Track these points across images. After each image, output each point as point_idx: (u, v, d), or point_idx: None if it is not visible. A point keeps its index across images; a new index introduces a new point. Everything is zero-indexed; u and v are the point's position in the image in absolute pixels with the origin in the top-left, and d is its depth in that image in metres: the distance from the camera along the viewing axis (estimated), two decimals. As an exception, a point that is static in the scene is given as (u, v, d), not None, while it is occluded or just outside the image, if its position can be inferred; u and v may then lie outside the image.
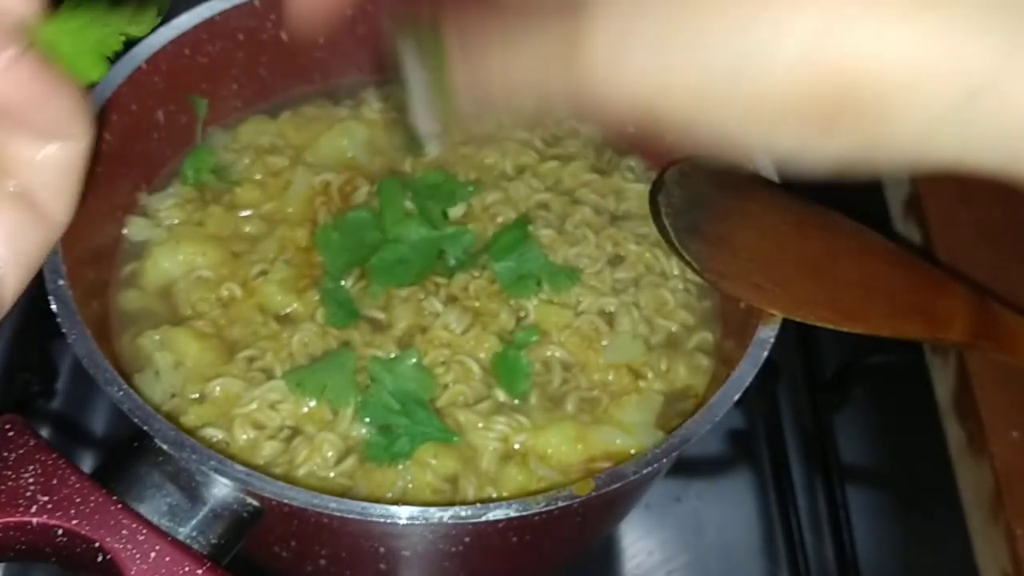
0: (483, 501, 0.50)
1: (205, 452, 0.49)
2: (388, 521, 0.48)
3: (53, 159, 0.39)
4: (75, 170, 0.40)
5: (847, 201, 0.60)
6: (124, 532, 0.45)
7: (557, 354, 0.62)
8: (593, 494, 0.49)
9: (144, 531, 0.46)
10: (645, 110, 0.39)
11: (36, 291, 0.44)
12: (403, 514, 0.48)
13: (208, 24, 0.65)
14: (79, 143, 0.40)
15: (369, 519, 0.48)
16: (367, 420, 0.58)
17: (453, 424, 0.59)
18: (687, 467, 0.81)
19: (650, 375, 0.62)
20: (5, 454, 0.46)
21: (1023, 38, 0.36)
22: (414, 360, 0.60)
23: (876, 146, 0.39)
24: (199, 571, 0.45)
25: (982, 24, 0.36)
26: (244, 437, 0.57)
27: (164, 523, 0.48)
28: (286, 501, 0.48)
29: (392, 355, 0.60)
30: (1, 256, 0.40)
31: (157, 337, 0.60)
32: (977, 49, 0.36)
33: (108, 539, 0.45)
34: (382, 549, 0.56)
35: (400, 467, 0.57)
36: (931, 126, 0.37)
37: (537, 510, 0.49)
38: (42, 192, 0.40)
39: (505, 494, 0.57)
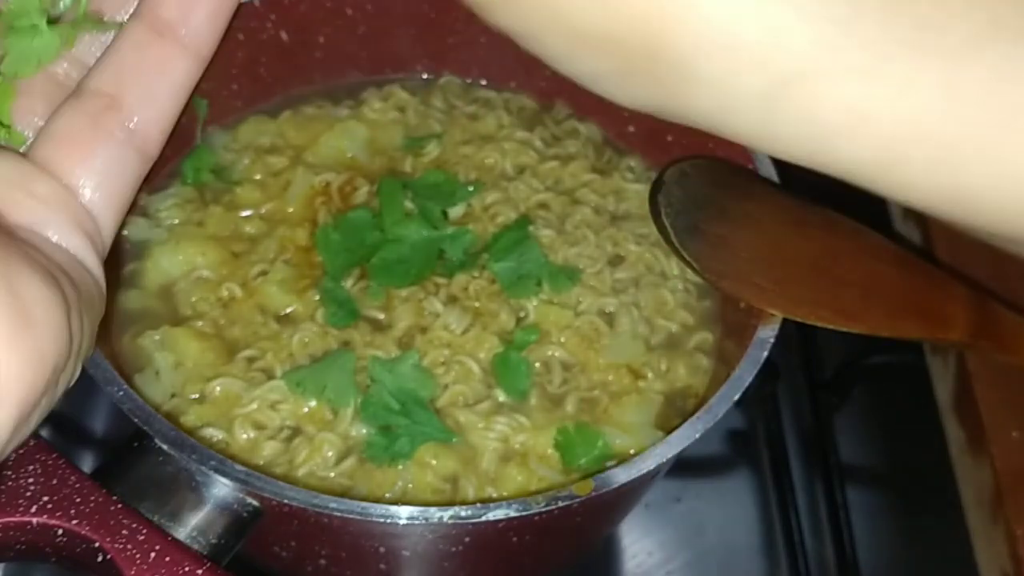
0: (483, 501, 0.50)
1: (205, 452, 0.49)
2: (388, 521, 0.48)
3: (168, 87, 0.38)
4: (181, 100, 0.39)
5: (847, 201, 0.60)
6: (124, 532, 0.45)
7: (557, 354, 0.62)
8: (593, 494, 0.49)
9: (144, 531, 0.46)
10: None
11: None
12: (403, 514, 0.48)
13: (208, 24, 0.65)
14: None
15: (369, 519, 0.48)
16: (367, 420, 0.58)
17: (453, 424, 0.59)
18: (687, 467, 0.81)
19: (650, 375, 0.62)
20: (5, 454, 0.46)
21: (854, 31, 0.33)
22: (414, 360, 0.60)
23: (677, 104, 0.36)
24: (199, 571, 0.45)
25: (812, 5, 0.33)
26: (244, 437, 0.57)
27: (164, 523, 0.48)
28: (286, 501, 0.48)
29: (392, 355, 0.60)
30: (92, 185, 0.38)
31: (157, 337, 0.60)
32: (801, 37, 0.33)
33: (108, 539, 0.45)
34: (382, 549, 0.56)
35: (400, 467, 0.57)
36: (731, 104, 0.35)
37: (537, 510, 0.49)
38: (144, 121, 0.39)
39: (505, 494, 0.57)
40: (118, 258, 0.64)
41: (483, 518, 0.48)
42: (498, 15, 0.37)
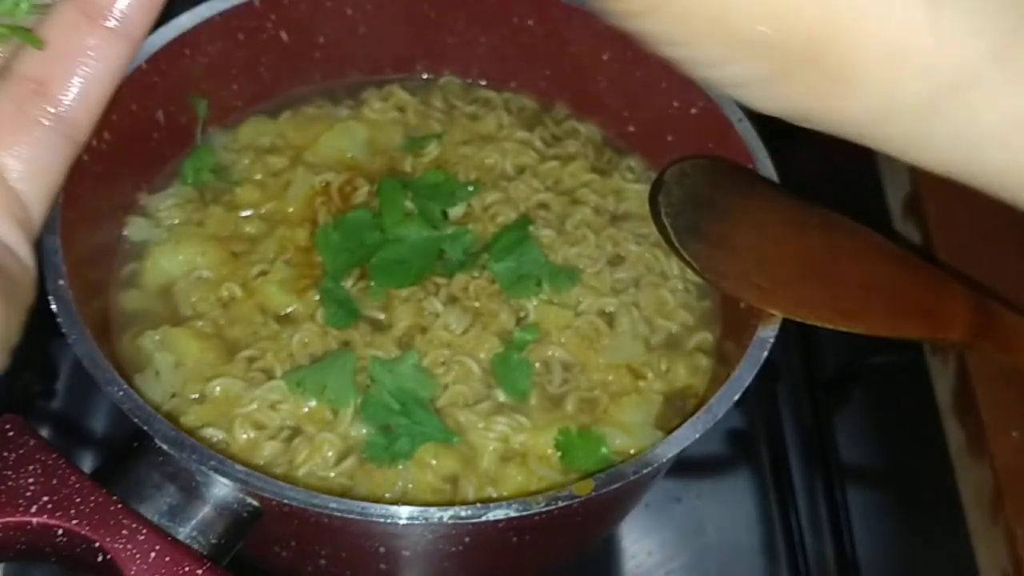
0: (483, 501, 0.50)
1: (205, 452, 0.49)
2: (388, 521, 0.48)
3: (94, 72, 0.38)
4: (111, 86, 0.39)
5: (847, 201, 0.60)
6: (124, 532, 0.45)
7: (557, 354, 0.62)
8: (593, 494, 0.49)
9: (144, 531, 0.45)
10: None
11: (36, 291, 0.44)
12: (403, 514, 0.48)
13: (208, 24, 0.65)
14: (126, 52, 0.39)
15: (369, 519, 0.48)
16: (367, 420, 0.58)
17: (453, 424, 0.59)
18: (687, 467, 0.81)
19: (650, 375, 0.62)
20: (5, 454, 0.46)
21: (1020, 41, 0.34)
22: (414, 360, 0.60)
23: (829, 109, 0.37)
24: (199, 571, 0.45)
25: (983, 17, 0.34)
26: (244, 437, 0.57)
27: (164, 523, 0.48)
28: (286, 501, 0.48)
29: (392, 355, 0.60)
30: (20, 171, 0.38)
31: (157, 337, 0.60)
32: (971, 46, 0.34)
33: (108, 539, 0.45)
34: (382, 549, 0.56)
35: (400, 467, 0.57)
36: (892, 109, 0.36)
37: (537, 510, 0.49)
38: (72, 107, 0.39)
39: (505, 494, 0.57)
40: (118, 258, 0.65)
41: (483, 518, 0.48)
42: (649, 21, 0.37)
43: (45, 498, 0.45)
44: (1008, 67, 0.35)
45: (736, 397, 0.53)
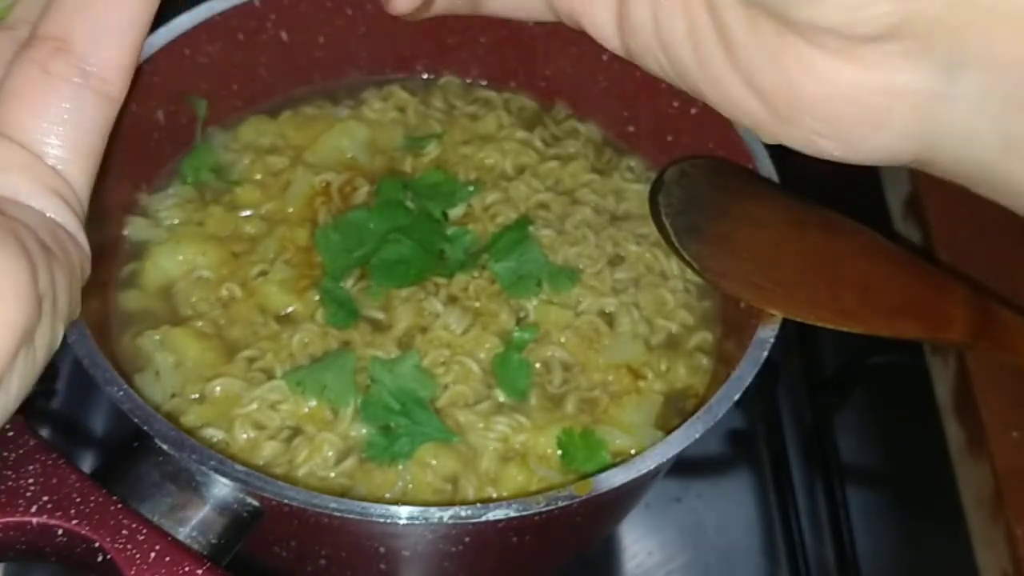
0: (483, 501, 0.50)
1: (205, 452, 0.49)
2: (388, 521, 0.48)
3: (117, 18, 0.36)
4: (139, 35, 0.37)
5: (847, 201, 0.60)
6: (124, 532, 0.45)
7: (557, 354, 0.62)
8: (593, 494, 0.49)
9: (144, 531, 0.45)
10: None
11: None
12: (403, 514, 0.48)
13: (208, 24, 0.65)
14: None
15: (369, 519, 0.48)
16: (367, 420, 0.58)
17: (453, 424, 0.59)
18: (687, 467, 0.81)
19: (650, 375, 0.62)
20: (5, 454, 0.46)
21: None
22: (414, 360, 0.60)
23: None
24: (199, 571, 0.45)
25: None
26: (244, 437, 0.57)
27: (164, 523, 0.48)
28: (286, 501, 0.48)
29: (392, 355, 0.60)
30: (56, 138, 0.36)
31: (157, 337, 0.60)
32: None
33: (108, 539, 0.45)
34: (382, 549, 0.56)
35: (400, 467, 0.57)
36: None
37: (537, 510, 0.49)
38: (100, 60, 0.37)
39: (505, 494, 0.57)
40: (118, 258, 0.65)
41: (483, 518, 0.48)
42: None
43: (45, 498, 0.45)
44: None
45: (736, 397, 0.53)
